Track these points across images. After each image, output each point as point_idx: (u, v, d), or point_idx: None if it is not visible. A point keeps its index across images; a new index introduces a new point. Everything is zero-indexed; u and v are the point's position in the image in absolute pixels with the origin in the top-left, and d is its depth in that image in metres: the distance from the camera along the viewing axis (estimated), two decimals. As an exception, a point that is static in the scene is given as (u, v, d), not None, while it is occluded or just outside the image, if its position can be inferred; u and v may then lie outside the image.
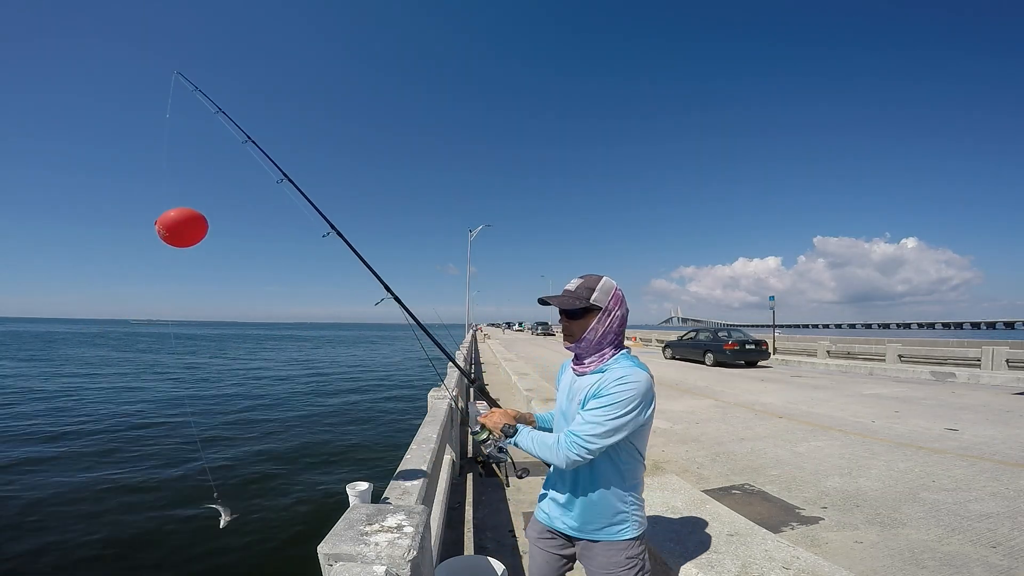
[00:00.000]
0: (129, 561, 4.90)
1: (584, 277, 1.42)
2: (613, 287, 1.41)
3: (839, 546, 2.90)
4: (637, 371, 1.31)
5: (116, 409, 12.68)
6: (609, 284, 1.40)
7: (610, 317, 1.39)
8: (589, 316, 1.38)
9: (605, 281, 1.40)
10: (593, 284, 1.39)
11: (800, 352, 18.41)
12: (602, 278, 1.41)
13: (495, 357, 16.70)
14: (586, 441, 1.26)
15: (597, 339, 1.39)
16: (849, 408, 7.60)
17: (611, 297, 1.39)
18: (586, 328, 1.38)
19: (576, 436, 1.27)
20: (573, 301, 1.37)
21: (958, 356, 13.81)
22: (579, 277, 1.42)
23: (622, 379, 1.28)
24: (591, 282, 1.39)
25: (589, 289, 1.37)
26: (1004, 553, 2.77)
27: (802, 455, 4.90)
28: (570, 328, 1.42)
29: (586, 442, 1.26)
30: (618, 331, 1.41)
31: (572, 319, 1.40)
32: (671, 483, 3.23)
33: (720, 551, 2.20)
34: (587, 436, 1.26)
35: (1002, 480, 4.05)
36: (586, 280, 1.40)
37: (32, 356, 29.55)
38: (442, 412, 3.65)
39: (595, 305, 1.37)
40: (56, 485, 6.89)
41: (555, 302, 1.41)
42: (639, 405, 1.28)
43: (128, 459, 8.24)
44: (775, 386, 10.30)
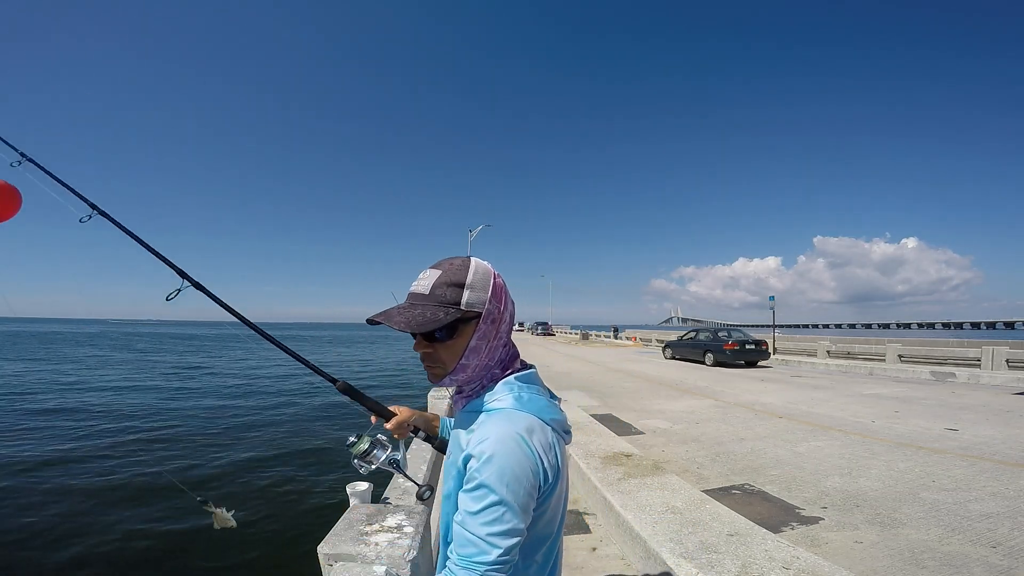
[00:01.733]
0: (128, 563, 4.90)
1: (441, 266, 0.83)
2: (490, 274, 0.84)
3: (839, 546, 2.90)
4: (519, 418, 0.75)
5: (112, 409, 12.68)
6: (484, 270, 0.83)
7: (498, 325, 0.84)
8: (465, 330, 0.81)
9: (477, 266, 0.83)
10: (459, 276, 0.81)
11: (800, 352, 18.41)
12: (470, 262, 0.84)
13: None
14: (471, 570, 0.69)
15: (482, 363, 0.84)
16: (849, 408, 7.60)
17: (491, 292, 0.82)
18: (461, 350, 0.81)
19: (458, 563, 0.70)
20: (434, 314, 0.78)
21: (958, 356, 13.81)
22: (432, 267, 0.84)
23: (493, 448, 0.70)
24: (455, 273, 0.81)
25: (455, 286, 0.80)
26: (1004, 553, 2.77)
27: (802, 455, 4.90)
28: (436, 355, 0.82)
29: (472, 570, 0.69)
30: (508, 340, 0.88)
31: (437, 340, 0.82)
32: (671, 483, 3.24)
33: (720, 551, 2.20)
34: (469, 564, 0.69)
35: (1002, 480, 4.05)
36: (446, 271, 0.81)
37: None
38: (442, 412, 3.65)
39: (471, 311, 0.80)
40: (56, 489, 6.89)
41: (398, 323, 0.78)
42: (532, 479, 0.71)
43: (125, 461, 8.24)
44: (775, 386, 10.30)
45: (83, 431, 10.13)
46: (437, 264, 0.85)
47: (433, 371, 0.85)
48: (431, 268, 0.84)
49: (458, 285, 0.80)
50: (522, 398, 0.80)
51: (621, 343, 32.89)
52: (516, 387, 0.82)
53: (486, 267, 0.85)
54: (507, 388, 0.82)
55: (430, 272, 0.83)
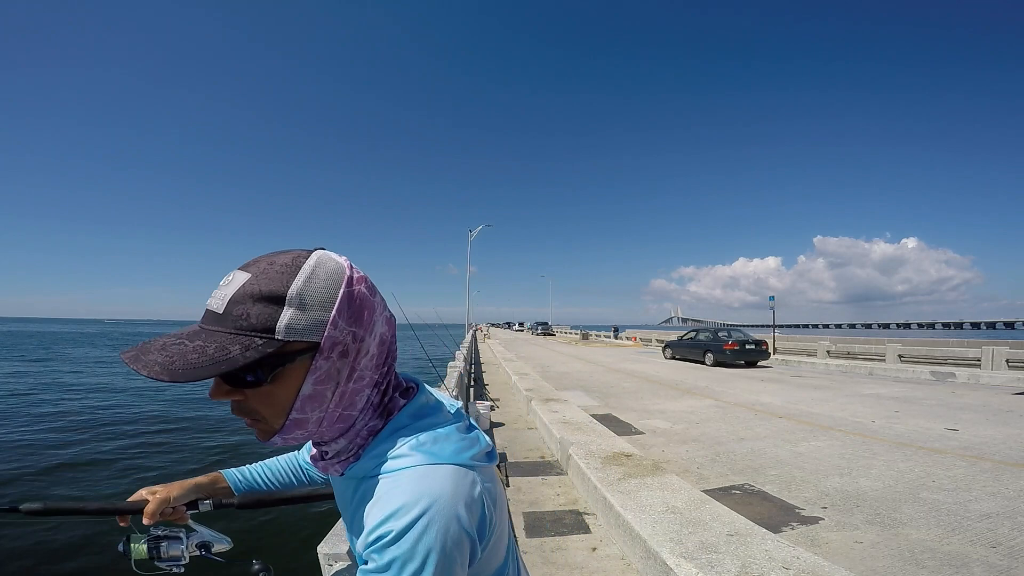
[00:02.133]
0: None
1: (253, 267, 0.51)
2: (342, 278, 0.53)
3: (839, 546, 2.90)
4: (437, 473, 0.51)
5: (110, 411, 12.69)
6: (330, 273, 0.52)
7: (354, 357, 0.53)
8: (291, 371, 0.50)
9: (319, 266, 0.52)
10: (277, 284, 0.49)
11: (800, 352, 18.42)
12: (306, 260, 0.52)
13: (495, 357, 16.72)
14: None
15: (334, 414, 0.55)
16: (849, 408, 7.60)
17: (339, 310, 0.51)
18: (288, 400, 0.52)
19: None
20: (220, 349, 0.47)
21: (958, 356, 13.81)
22: (242, 267, 0.52)
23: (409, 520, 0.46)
24: (272, 278, 0.49)
25: (267, 301, 0.48)
26: (1004, 553, 2.77)
27: (802, 455, 4.90)
28: (247, 406, 0.53)
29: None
30: (382, 377, 0.58)
31: (246, 384, 0.51)
32: (671, 483, 3.24)
33: (720, 551, 2.20)
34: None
35: (1002, 480, 4.05)
36: (259, 275, 0.50)
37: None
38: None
39: (297, 342, 0.49)
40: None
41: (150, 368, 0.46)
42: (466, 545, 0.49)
43: (123, 460, 8.24)
44: (775, 386, 10.31)
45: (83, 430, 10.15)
46: (252, 262, 0.52)
47: (256, 427, 0.54)
48: (240, 268, 0.51)
49: (272, 299, 0.48)
50: (424, 445, 0.54)
51: (621, 343, 32.91)
52: (412, 434, 0.55)
53: (335, 268, 0.52)
54: (401, 440, 0.55)
55: (235, 275, 0.50)
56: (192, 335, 0.49)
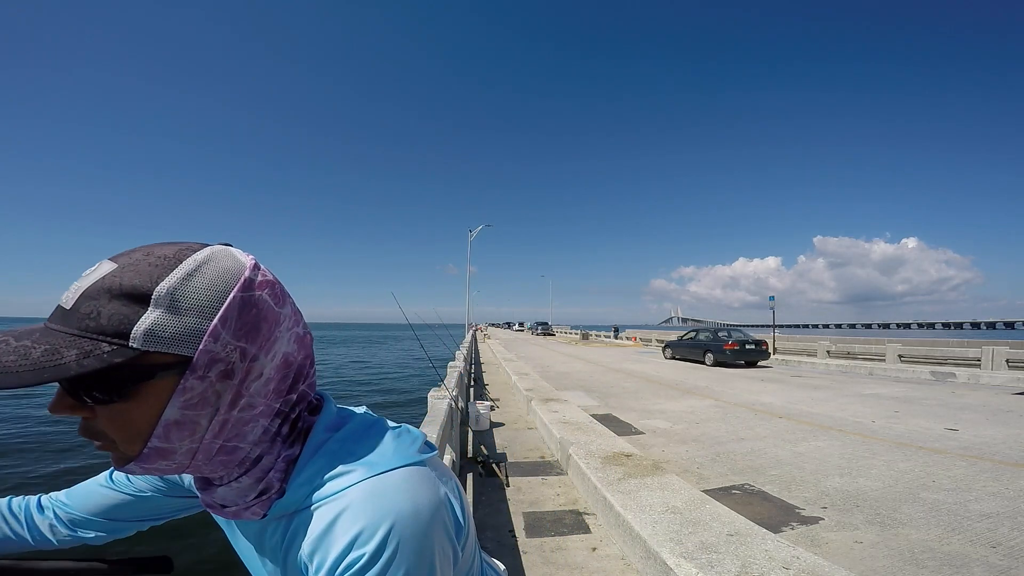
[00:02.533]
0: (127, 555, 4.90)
1: (126, 258, 0.40)
2: (236, 279, 0.41)
3: (839, 546, 2.90)
4: (394, 481, 0.43)
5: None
6: (220, 273, 0.41)
7: (242, 379, 0.41)
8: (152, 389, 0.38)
9: (208, 262, 0.41)
10: (146, 279, 0.38)
11: (800, 352, 18.42)
12: (192, 254, 0.41)
13: (495, 357, 16.73)
14: None
15: (210, 444, 0.42)
16: (849, 408, 7.60)
17: (228, 312, 0.40)
18: (148, 420, 0.39)
19: None
20: (50, 354, 0.35)
21: (958, 356, 13.81)
22: (112, 258, 0.40)
23: (379, 541, 0.39)
24: (142, 271, 0.38)
25: (126, 299, 0.37)
26: (1004, 553, 2.77)
27: (802, 455, 4.90)
28: (94, 427, 0.40)
29: None
30: (286, 399, 0.46)
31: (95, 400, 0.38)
32: (671, 483, 3.24)
33: (720, 551, 2.20)
34: None
35: (1002, 480, 4.05)
36: (127, 266, 0.39)
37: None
38: (442, 412, 3.65)
39: (159, 354, 0.38)
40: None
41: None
42: (447, 551, 0.44)
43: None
44: (775, 386, 10.31)
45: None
46: (125, 252, 0.42)
47: (108, 449, 0.42)
48: (109, 259, 0.41)
49: (134, 297, 0.38)
50: (359, 456, 0.45)
51: (621, 343, 32.91)
52: (339, 446, 0.47)
53: (229, 267, 0.42)
54: (330, 457, 0.46)
55: (101, 265, 0.40)
56: (24, 334, 0.38)
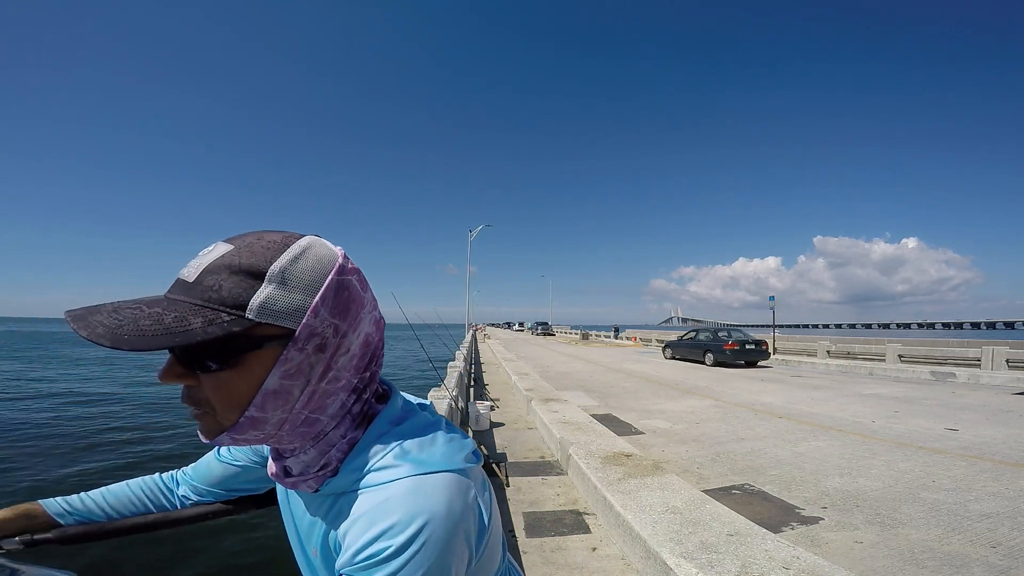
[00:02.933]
0: (125, 555, 4.90)
1: (240, 240, 0.46)
2: (332, 264, 0.47)
3: (839, 546, 2.90)
4: (433, 485, 0.45)
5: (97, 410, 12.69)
6: (320, 258, 0.47)
7: (332, 353, 0.47)
8: (257, 358, 0.44)
9: (309, 248, 0.47)
10: (260, 260, 0.44)
11: (800, 352, 18.42)
12: (296, 241, 0.47)
13: (495, 357, 16.72)
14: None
15: (298, 417, 0.47)
16: (849, 408, 7.60)
17: (323, 296, 0.45)
18: (248, 392, 0.44)
19: None
20: (180, 320, 0.41)
21: (958, 356, 13.81)
22: (226, 240, 0.47)
23: (407, 537, 0.41)
24: (256, 252, 0.44)
25: (245, 275, 0.43)
26: (1004, 553, 2.77)
27: (802, 455, 4.90)
28: (197, 394, 0.45)
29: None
30: (360, 378, 0.51)
31: (204, 368, 0.43)
32: (671, 483, 3.24)
33: (720, 551, 2.20)
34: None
35: (1002, 480, 4.05)
36: (240, 249, 0.45)
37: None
38: (442, 412, 3.65)
39: (270, 325, 0.43)
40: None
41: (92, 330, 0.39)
42: (469, 551, 0.47)
43: (123, 456, 8.24)
44: (775, 386, 10.31)
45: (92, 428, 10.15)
46: (237, 236, 0.47)
47: (200, 419, 0.46)
48: (224, 240, 0.47)
49: (251, 273, 0.43)
50: (410, 453, 0.48)
51: (621, 343, 32.91)
52: (396, 441, 0.49)
53: (326, 254, 0.48)
54: (383, 449, 0.49)
55: (217, 246, 0.46)
56: (153, 302, 0.43)
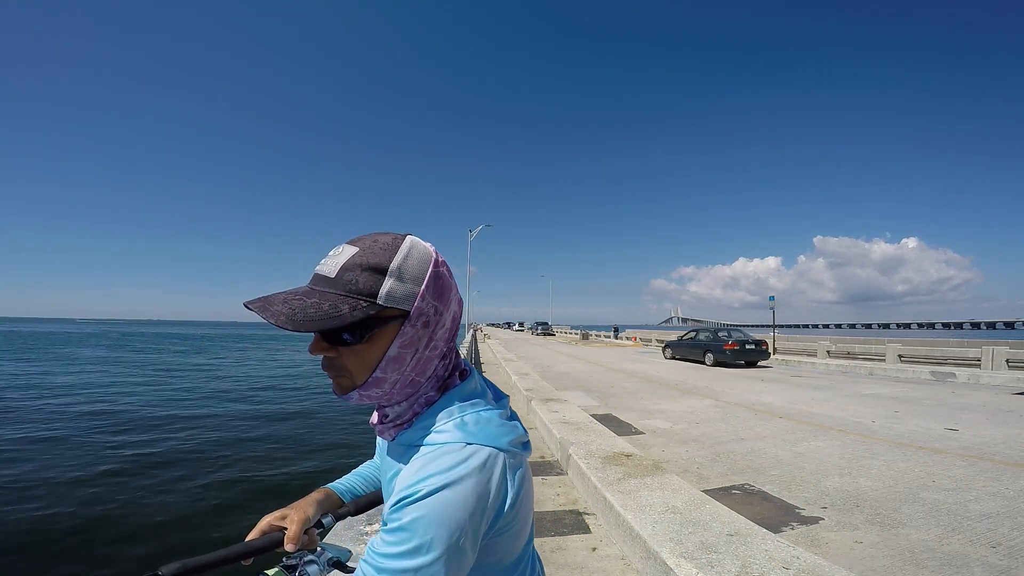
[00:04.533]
0: (123, 552, 4.90)
1: (360, 242, 0.61)
2: (430, 260, 0.63)
3: (839, 546, 2.90)
4: (470, 453, 0.56)
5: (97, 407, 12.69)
6: (422, 255, 0.62)
7: (432, 328, 0.62)
8: (383, 333, 0.60)
9: (413, 248, 0.62)
10: (381, 258, 0.59)
11: (800, 352, 18.42)
12: (403, 241, 0.62)
13: (495, 357, 16.72)
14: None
15: (407, 378, 0.63)
16: (849, 408, 7.60)
17: (427, 285, 0.61)
18: (376, 359, 0.60)
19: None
20: (334, 306, 0.57)
21: (958, 356, 13.81)
22: (349, 242, 0.62)
23: (433, 487, 0.52)
24: (376, 252, 0.60)
25: (372, 271, 0.59)
26: (1004, 553, 2.77)
27: (802, 455, 4.90)
28: (338, 362, 0.62)
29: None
30: (447, 351, 0.66)
31: (341, 343, 0.60)
32: (671, 483, 3.24)
33: (720, 551, 2.20)
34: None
35: (1002, 480, 4.05)
36: (365, 249, 0.60)
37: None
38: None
39: (394, 308, 0.59)
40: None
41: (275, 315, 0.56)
42: (479, 521, 0.54)
43: (128, 452, 8.24)
44: (775, 386, 10.30)
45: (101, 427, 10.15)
46: (357, 239, 0.62)
47: (338, 380, 0.62)
48: (347, 243, 0.61)
49: (377, 270, 0.58)
50: (466, 425, 0.60)
51: (621, 343, 32.91)
52: (459, 413, 0.61)
53: (425, 251, 0.62)
54: (447, 416, 0.61)
55: (344, 248, 0.60)
56: (307, 294, 0.59)
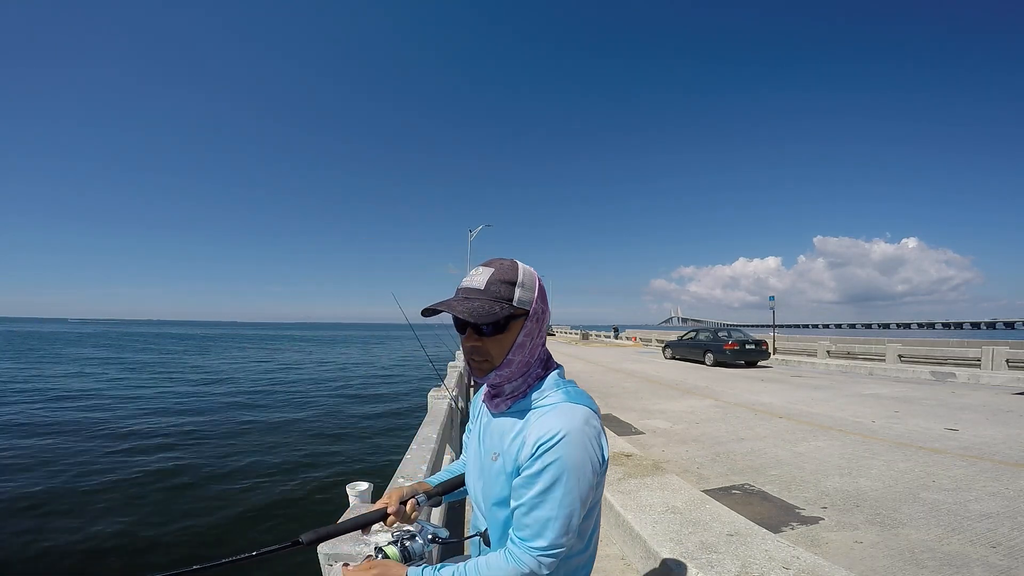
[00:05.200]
0: (120, 557, 4.90)
1: (492, 264, 0.91)
2: (536, 276, 0.92)
3: (839, 546, 2.90)
4: (578, 409, 0.85)
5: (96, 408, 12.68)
6: (531, 272, 0.92)
7: (541, 324, 0.93)
8: (514, 327, 0.89)
9: (524, 269, 0.91)
10: (511, 275, 0.89)
11: (800, 352, 18.40)
12: (517, 263, 0.92)
13: (495, 357, 16.70)
14: (545, 554, 0.80)
15: (525, 360, 0.91)
16: (849, 408, 7.60)
17: (537, 292, 0.91)
18: (509, 346, 0.89)
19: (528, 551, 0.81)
20: (490, 308, 0.85)
21: (958, 356, 13.80)
22: (484, 265, 0.92)
23: (563, 433, 0.79)
24: (507, 271, 0.89)
25: (508, 283, 0.88)
26: (1004, 553, 2.77)
27: (802, 455, 4.90)
28: (484, 349, 0.89)
29: (546, 554, 0.80)
30: (546, 332, 0.98)
31: (488, 334, 0.89)
32: (671, 483, 3.24)
33: (720, 551, 2.20)
34: (545, 548, 0.80)
35: (1002, 480, 4.05)
36: (499, 269, 0.89)
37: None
38: (442, 412, 3.65)
39: (521, 308, 0.88)
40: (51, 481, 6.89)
41: (461, 312, 0.85)
42: (596, 463, 0.84)
43: (122, 455, 8.24)
44: (775, 386, 10.30)
45: (102, 420, 10.14)
46: (488, 262, 0.92)
47: (480, 366, 0.91)
48: (483, 266, 0.91)
49: (510, 283, 0.88)
50: (571, 392, 0.90)
51: (621, 343, 32.89)
52: (564, 385, 0.92)
53: (531, 270, 0.93)
54: (556, 385, 0.91)
55: (483, 269, 0.90)
56: (467, 300, 0.86)
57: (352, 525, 0.96)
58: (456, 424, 4.97)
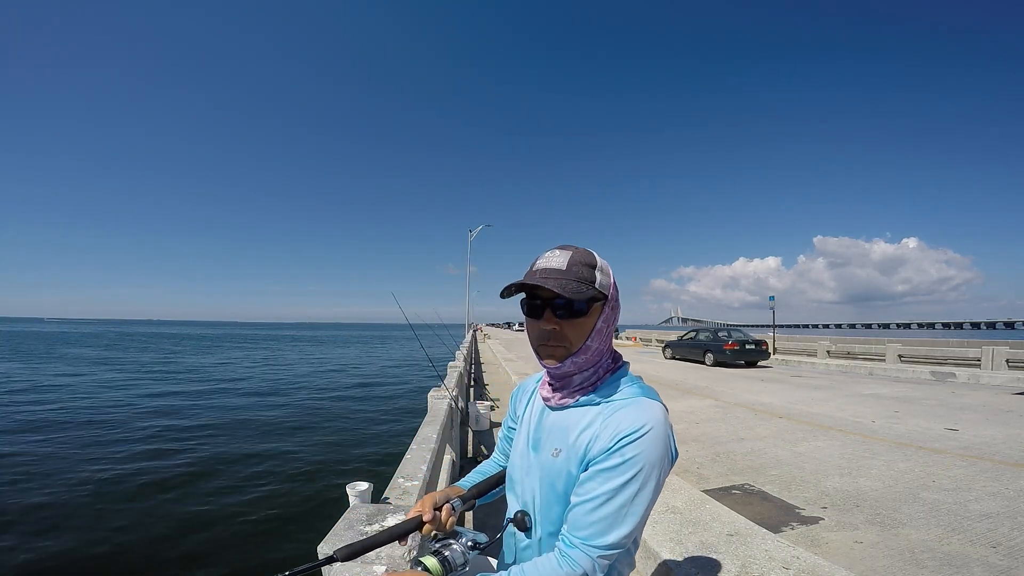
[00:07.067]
0: (117, 560, 4.89)
1: (569, 248, 0.87)
2: (608, 266, 0.89)
3: (839, 546, 2.90)
4: (656, 404, 0.82)
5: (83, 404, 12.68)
6: (605, 262, 0.89)
7: (616, 313, 0.90)
8: (594, 311, 0.85)
9: (599, 258, 0.88)
10: (590, 258, 0.85)
11: (800, 352, 18.41)
12: (592, 252, 0.89)
13: (495, 357, 16.71)
14: (606, 554, 0.76)
15: (600, 348, 0.87)
16: (849, 408, 7.60)
17: (612, 282, 0.88)
18: (589, 331, 0.84)
19: (587, 550, 0.76)
20: (577, 287, 0.81)
21: (958, 356, 13.80)
22: (560, 248, 0.87)
23: (648, 427, 0.77)
24: (586, 255, 0.86)
25: (589, 266, 0.84)
26: (1004, 553, 2.77)
27: (802, 455, 4.90)
28: (562, 333, 0.84)
29: (606, 554, 0.76)
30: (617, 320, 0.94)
31: (568, 317, 0.83)
32: (671, 483, 3.24)
33: (720, 551, 2.20)
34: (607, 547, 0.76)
35: (1002, 480, 4.05)
36: (578, 252, 0.86)
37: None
38: (442, 412, 3.65)
39: (601, 293, 0.84)
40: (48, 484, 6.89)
41: (553, 285, 0.80)
42: (670, 462, 0.81)
43: (121, 455, 8.24)
44: (775, 386, 10.30)
45: (107, 423, 10.14)
46: (563, 246, 0.88)
47: (555, 351, 0.85)
48: (559, 248, 0.87)
49: (591, 266, 0.84)
50: (645, 388, 0.86)
51: (621, 343, 32.89)
52: (636, 381, 0.88)
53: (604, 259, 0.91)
54: (629, 382, 0.87)
55: (560, 251, 0.86)
56: (554, 279, 0.81)
57: (388, 536, 0.90)
58: (456, 424, 4.97)
